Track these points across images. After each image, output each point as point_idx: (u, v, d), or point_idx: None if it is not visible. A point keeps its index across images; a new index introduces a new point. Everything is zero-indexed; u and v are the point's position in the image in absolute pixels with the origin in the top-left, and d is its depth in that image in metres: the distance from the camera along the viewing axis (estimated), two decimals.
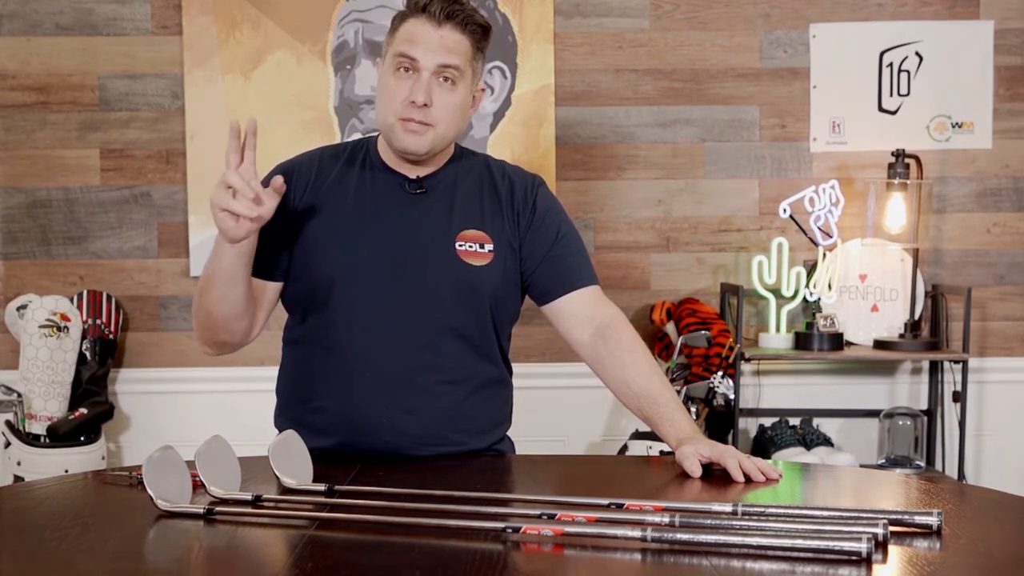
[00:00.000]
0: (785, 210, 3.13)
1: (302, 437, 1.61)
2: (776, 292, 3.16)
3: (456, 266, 1.77)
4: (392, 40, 1.76)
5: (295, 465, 1.51)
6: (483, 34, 1.77)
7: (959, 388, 3.10)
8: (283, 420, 1.85)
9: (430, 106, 1.72)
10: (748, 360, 3.14)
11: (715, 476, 1.58)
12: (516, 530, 1.23)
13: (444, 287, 1.76)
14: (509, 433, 1.91)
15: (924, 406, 3.29)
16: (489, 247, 1.79)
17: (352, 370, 1.76)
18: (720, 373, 3.00)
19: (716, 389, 2.98)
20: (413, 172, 1.82)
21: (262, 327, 1.83)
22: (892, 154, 3.13)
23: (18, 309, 3.10)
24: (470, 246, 1.78)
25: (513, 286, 1.83)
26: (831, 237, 3.14)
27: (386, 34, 1.80)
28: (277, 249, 1.77)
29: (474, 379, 1.80)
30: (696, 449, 1.61)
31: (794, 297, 3.16)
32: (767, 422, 3.25)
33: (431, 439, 1.76)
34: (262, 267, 1.76)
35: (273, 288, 1.81)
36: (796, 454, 3.03)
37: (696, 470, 1.58)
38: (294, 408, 1.84)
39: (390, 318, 1.76)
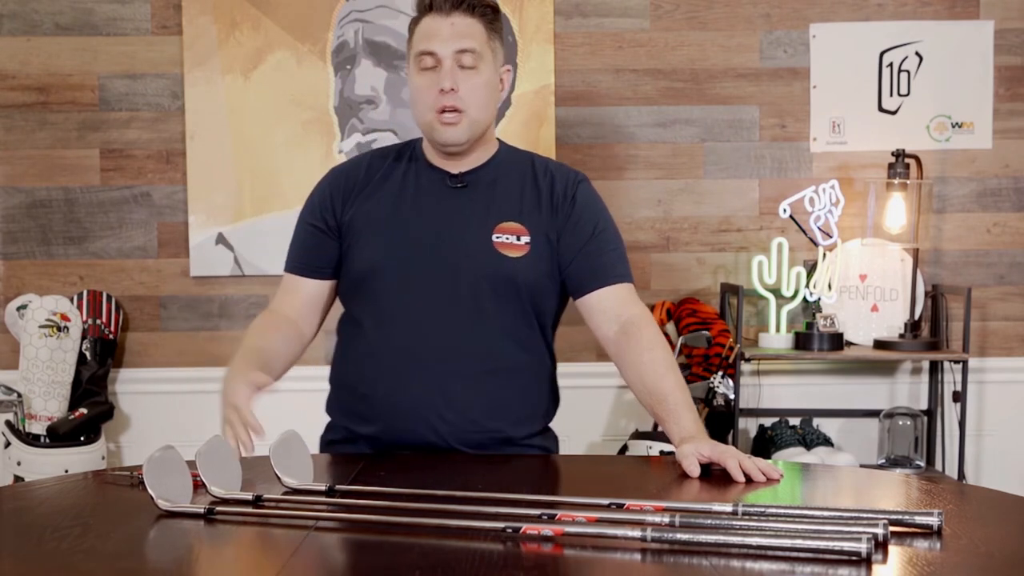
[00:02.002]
0: (785, 210, 3.12)
1: (349, 425, 1.72)
2: (776, 292, 3.16)
3: (492, 258, 1.82)
4: (411, 44, 1.84)
5: (295, 465, 1.51)
6: (493, 14, 1.84)
7: (959, 388, 3.09)
8: (334, 409, 1.92)
9: (457, 91, 1.78)
10: (748, 360, 3.14)
11: (715, 476, 1.58)
12: (516, 530, 1.23)
13: (481, 278, 1.81)
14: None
15: (924, 406, 3.29)
16: (525, 239, 1.83)
17: (393, 359, 1.81)
18: (720, 373, 3.00)
19: (716, 389, 2.98)
20: (456, 168, 1.88)
21: (319, 328, 1.94)
22: (892, 154, 3.13)
23: (18, 309, 3.10)
24: (507, 238, 1.83)
25: (550, 279, 1.87)
26: (831, 237, 3.14)
27: (405, 44, 1.88)
28: (329, 249, 1.87)
29: (511, 368, 1.84)
30: (696, 448, 1.61)
31: (794, 297, 3.16)
32: (767, 422, 3.25)
33: (469, 427, 1.80)
34: (311, 267, 1.89)
35: (330, 287, 1.91)
36: (796, 454, 3.03)
37: (694, 470, 1.58)
38: (343, 396, 1.90)
39: (429, 308, 1.81)
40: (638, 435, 3.01)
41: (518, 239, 1.83)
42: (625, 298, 1.86)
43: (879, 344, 3.14)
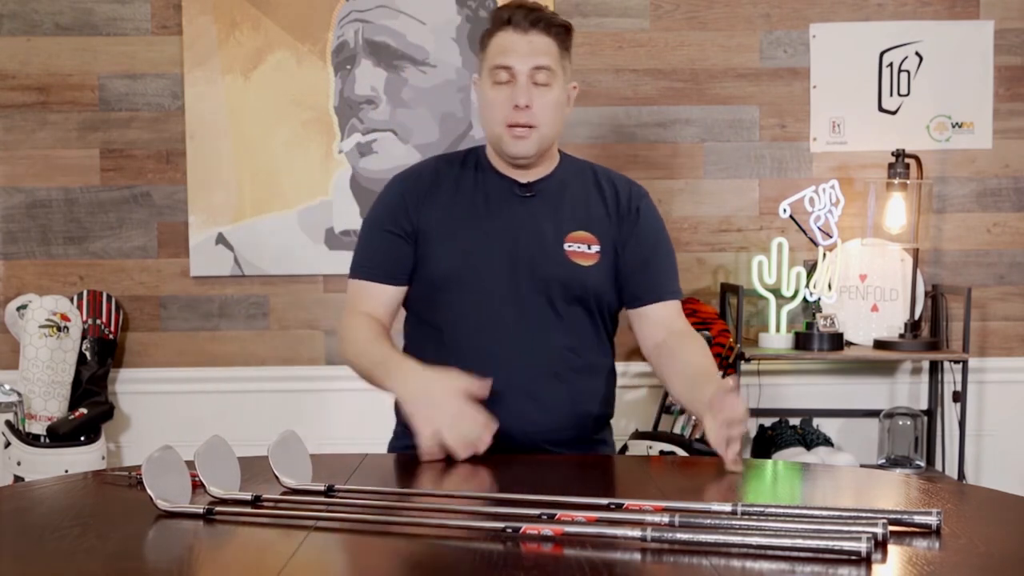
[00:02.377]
0: (785, 210, 3.12)
1: None
2: (776, 292, 3.16)
3: (565, 266, 1.88)
4: (485, 56, 1.88)
5: (295, 465, 1.51)
6: (567, 33, 1.89)
7: (959, 388, 3.10)
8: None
9: (531, 107, 1.83)
10: (748, 360, 3.14)
11: (715, 476, 1.58)
12: (516, 530, 1.23)
13: (554, 286, 1.87)
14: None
15: (924, 406, 3.29)
16: (596, 248, 1.91)
17: (476, 365, 1.83)
18: (720, 373, 3.00)
19: None
20: (523, 177, 1.92)
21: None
22: (892, 154, 3.13)
23: (18, 309, 3.10)
24: (578, 247, 1.90)
25: (614, 284, 1.94)
26: (831, 237, 3.14)
27: (477, 54, 1.92)
28: (405, 256, 1.90)
29: (586, 370, 1.92)
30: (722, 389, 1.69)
31: (794, 297, 3.16)
32: (767, 422, 3.25)
33: (553, 427, 1.87)
34: (390, 274, 1.92)
35: (403, 292, 1.94)
36: (796, 454, 3.03)
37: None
38: None
39: (508, 313, 1.86)
40: (638, 435, 3.01)
41: (588, 248, 1.90)
42: (674, 314, 1.96)
43: (879, 344, 3.14)
